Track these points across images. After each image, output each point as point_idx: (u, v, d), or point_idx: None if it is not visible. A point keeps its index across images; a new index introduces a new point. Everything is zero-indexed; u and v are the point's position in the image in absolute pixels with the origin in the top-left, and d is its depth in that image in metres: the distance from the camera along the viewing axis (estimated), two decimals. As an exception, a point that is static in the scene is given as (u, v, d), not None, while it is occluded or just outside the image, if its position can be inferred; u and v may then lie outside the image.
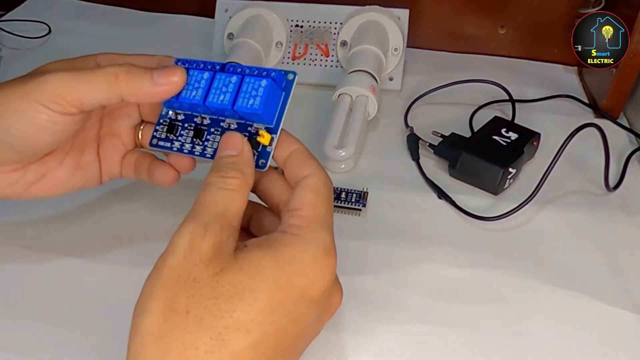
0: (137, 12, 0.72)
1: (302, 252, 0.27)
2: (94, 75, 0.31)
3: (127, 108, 0.37)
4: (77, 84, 0.31)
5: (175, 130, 0.34)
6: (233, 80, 0.31)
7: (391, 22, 0.56)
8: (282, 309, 0.26)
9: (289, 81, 0.32)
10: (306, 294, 0.27)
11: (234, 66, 0.32)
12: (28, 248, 0.40)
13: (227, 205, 0.28)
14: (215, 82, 0.32)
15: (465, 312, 0.36)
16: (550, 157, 0.42)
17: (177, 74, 0.32)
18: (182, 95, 0.32)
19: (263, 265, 0.26)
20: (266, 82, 0.31)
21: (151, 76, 0.31)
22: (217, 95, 0.31)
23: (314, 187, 0.29)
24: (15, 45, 0.65)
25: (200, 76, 0.32)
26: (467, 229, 0.43)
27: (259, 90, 0.31)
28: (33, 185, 0.35)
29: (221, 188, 0.28)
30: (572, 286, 0.38)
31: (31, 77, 0.31)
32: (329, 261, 0.28)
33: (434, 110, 0.56)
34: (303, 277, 0.27)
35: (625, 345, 0.35)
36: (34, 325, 0.35)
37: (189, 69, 0.32)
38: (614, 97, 0.54)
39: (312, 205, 0.29)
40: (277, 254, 0.27)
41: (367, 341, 0.35)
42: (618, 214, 0.44)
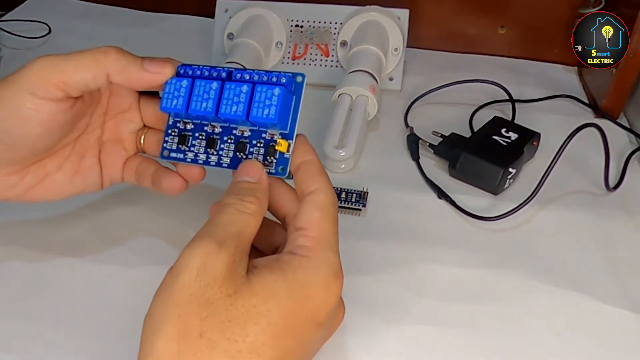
0: (137, 12, 0.72)
1: (313, 276, 0.28)
2: (81, 53, 0.31)
3: (129, 113, 0.37)
4: (62, 63, 0.30)
5: (187, 140, 0.34)
6: (244, 90, 0.31)
7: (391, 22, 0.56)
8: (293, 332, 0.26)
9: (298, 84, 0.32)
10: (315, 317, 0.27)
11: (241, 72, 0.32)
12: (28, 248, 0.40)
13: (243, 227, 0.28)
14: (226, 92, 0.31)
15: (465, 312, 0.36)
16: (550, 157, 0.42)
17: (168, 66, 0.32)
18: (192, 107, 0.32)
19: (275, 290, 0.26)
20: (279, 90, 0.30)
21: (141, 62, 0.31)
22: (230, 106, 0.31)
23: (321, 205, 0.30)
24: (15, 45, 0.65)
25: (208, 86, 0.31)
26: (467, 229, 0.43)
27: (273, 99, 0.30)
28: (32, 189, 0.35)
29: (239, 210, 0.28)
30: (572, 286, 0.38)
31: (14, 70, 0.31)
32: (337, 284, 0.29)
33: (434, 110, 0.56)
34: (313, 301, 0.27)
35: (625, 345, 0.35)
36: (34, 326, 0.35)
37: (196, 78, 0.32)
38: (614, 97, 0.54)
39: (320, 226, 0.29)
40: (289, 278, 0.27)
41: (366, 341, 0.35)
42: (618, 214, 0.44)
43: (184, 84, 0.32)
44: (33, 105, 0.31)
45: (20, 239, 0.40)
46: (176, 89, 0.32)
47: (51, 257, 0.39)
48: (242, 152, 0.32)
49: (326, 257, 0.28)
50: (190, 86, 0.32)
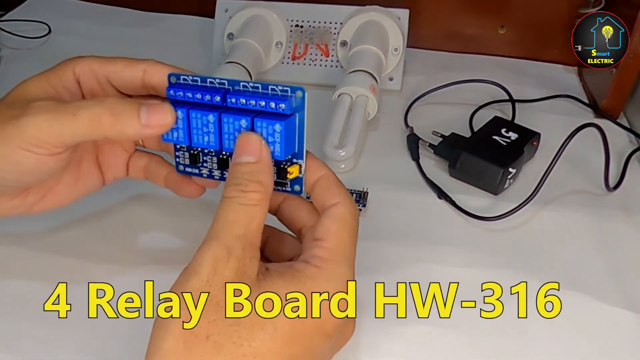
0: (137, 12, 0.72)
1: (324, 287, 0.27)
2: (75, 119, 0.29)
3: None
4: (58, 128, 0.29)
5: (198, 159, 0.33)
6: (243, 125, 0.29)
7: (391, 22, 0.56)
8: (299, 341, 0.26)
9: (299, 99, 0.29)
10: (323, 328, 0.27)
11: (235, 96, 0.29)
12: (29, 248, 0.40)
13: (249, 223, 0.27)
14: (225, 126, 0.30)
15: (465, 312, 0.36)
16: (550, 157, 0.42)
17: (167, 115, 0.30)
18: (195, 141, 0.31)
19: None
20: (280, 127, 0.28)
21: (138, 117, 0.29)
22: (233, 141, 0.30)
23: (341, 218, 0.29)
24: (15, 45, 0.65)
25: (205, 119, 0.30)
26: (467, 229, 0.43)
27: (275, 136, 0.29)
28: (36, 205, 0.35)
29: (242, 205, 0.27)
30: (572, 286, 0.38)
31: (8, 116, 0.30)
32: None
33: (434, 110, 0.56)
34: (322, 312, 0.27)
35: (625, 345, 0.35)
36: (35, 325, 0.35)
37: (190, 107, 0.30)
38: (614, 97, 0.54)
39: (337, 237, 0.29)
40: (300, 287, 0.27)
41: (366, 341, 0.34)
42: (618, 214, 0.44)
43: (179, 115, 0.30)
44: (36, 159, 0.30)
45: (21, 239, 0.40)
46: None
47: (52, 257, 0.39)
48: None
49: (339, 270, 0.28)
50: (186, 117, 0.30)
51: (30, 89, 0.32)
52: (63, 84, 0.33)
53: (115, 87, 0.34)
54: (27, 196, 0.34)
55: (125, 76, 0.33)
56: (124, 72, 0.33)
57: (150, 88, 0.33)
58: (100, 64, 0.33)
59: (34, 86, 0.32)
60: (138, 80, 0.33)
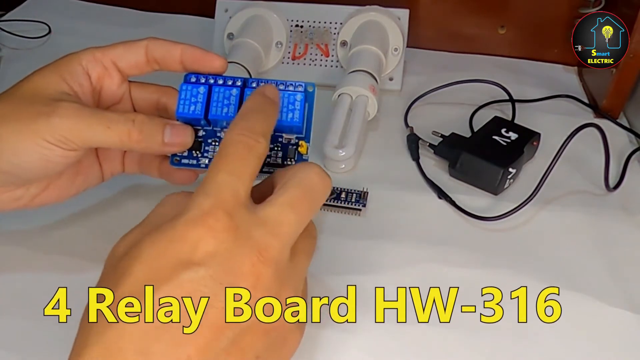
0: (137, 12, 0.72)
1: (176, 220, 0.25)
2: (108, 131, 0.32)
3: (121, 104, 0.37)
4: (90, 135, 0.32)
5: (200, 147, 0.34)
6: None
7: (391, 22, 0.56)
8: (157, 278, 0.24)
9: (310, 93, 0.33)
10: (183, 258, 0.24)
11: (256, 80, 0.33)
12: (30, 248, 0.40)
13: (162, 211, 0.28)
14: (245, 97, 0.32)
15: (465, 312, 0.36)
16: (550, 157, 0.42)
17: (188, 136, 0.33)
18: (212, 113, 0.32)
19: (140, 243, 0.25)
20: (301, 96, 0.32)
21: (162, 136, 0.32)
22: None
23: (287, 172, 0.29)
24: (15, 45, 0.65)
25: (228, 92, 0.32)
26: (467, 229, 0.43)
27: (296, 104, 0.32)
28: (37, 197, 0.35)
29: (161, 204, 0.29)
30: (572, 286, 0.38)
31: (35, 111, 0.31)
32: (209, 220, 0.25)
33: (434, 110, 0.56)
34: (176, 243, 0.25)
35: (625, 345, 0.35)
36: (35, 325, 0.35)
37: (213, 85, 0.33)
38: (614, 97, 0.54)
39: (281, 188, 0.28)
40: (154, 228, 0.26)
41: (367, 341, 0.35)
42: (618, 214, 0.44)
43: (201, 90, 0.32)
44: (61, 153, 0.32)
45: (22, 239, 0.40)
46: (193, 95, 0.32)
47: (52, 257, 0.39)
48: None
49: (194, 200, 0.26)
50: (207, 93, 0.32)
51: (46, 84, 0.33)
52: (76, 80, 0.34)
53: (122, 69, 0.35)
54: (30, 188, 0.35)
55: (130, 57, 0.35)
56: (127, 54, 0.35)
57: (154, 63, 0.35)
58: (102, 52, 0.35)
59: (49, 81, 0.33)
60: (142, 58, 0.35)
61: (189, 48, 0.34)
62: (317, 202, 0.29)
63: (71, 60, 0.34)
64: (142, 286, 0.24)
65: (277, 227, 0.26)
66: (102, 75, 0.35)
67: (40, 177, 0.34)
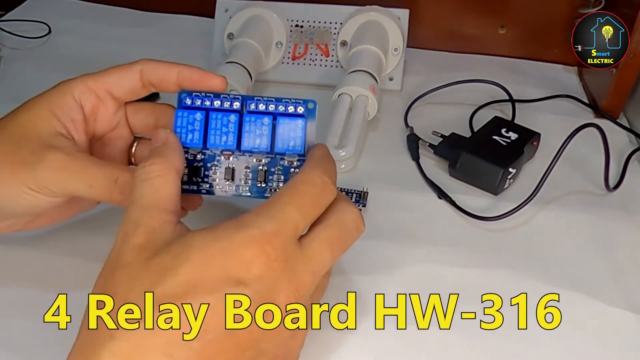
0: (137, 12, 0.72)
1: (234, 233, 0.26)
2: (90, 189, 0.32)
3: (117, 130, 0.36)
4: (73, 188, 0.32)
5: (200, 172, 0.32)
6: (266, 122, 0.31)
7: (391, 22, 0.56)
8: (202, 284, 0.24)
9: (310, 110, 0.32)
10: (233, 274, 0.25)
11: (255, 101, 0.32)
12: (30, 248, 0.40)
13: (154, 194, 0.27)
14: (246, 125, 0.31)
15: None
16: (550, 157, 0.42)
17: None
18: (210, 142, 0.31)
19: (189, 244, 0.25)
20: (302, 122, 0.31)
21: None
22: (253, 139, 0.31)
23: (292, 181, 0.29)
24: (15, 45, 0.65)
25: (226, 119, 0.31)
26: (467, 229, 0.43)
27: (297, 131, 0.32)
28: (31, 223, 0.36)
29: (144, 179, 0.28)
30: (572, 286, 0.38)
31: (21, 159, 0.31)
32: (267, 246, 0.25)
33: (434, 110, 0.56)
34: (230, 256, 0.25)
35: (625, 345, 0.35)
36: (36, 325, 0.35)
37: (210, 110, 0.31)
38: (614, 97, 0.54)
39: (275, 196, 0.28)
40: (207, 234, 0.26)
41: (367, 341, 0.34)
42: (618, 214, 0.44)
43: (197, 117, 0.31)
44: (42, 201, 0.32)
45: (22, 239, 0.40)
46: (189, 122, 0.31)
47: (54, 257, 0.39)
48: (262, 182, 0.32)
49: (257, 219, 0.26)
50: (204, 119, 0.31)
51: (36, 122, 0.33)
52: (68, 115, 0.33)
53: (118, 97, 0.35)
54: (21, 218, 0.35)
55: (124, 84, 0.34)
56: (122, 81, 0.34)
57: (150, 86, 0.34)
58: (95, 80, 0.34)
59: (40, 119, 0.33)
60: (137, 83, 0.34)
61: (185, 69, 0.33)
62: (348, 245, 0.30)
63: (63, 92, 0.34)
64: (186, 288, 0.24)
65: (315, 265, 0.27)
66: (96, 105, 0.34)
67: (29, 215, 0.35)
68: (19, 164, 0.31)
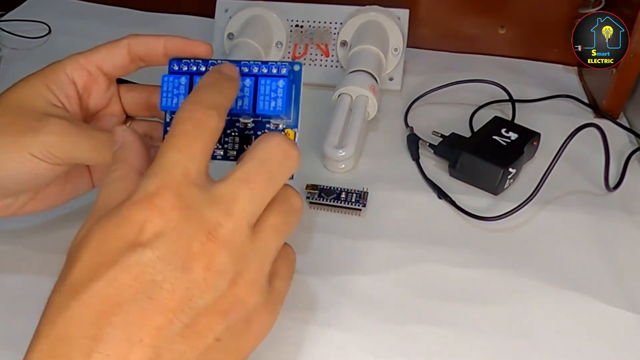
0: (137, 12, 0.72)
1: (123, 205, 0.25)
2: (94, 152, 0.32)
3: (110, 107, 0.37)
4: (76, 153, 0.32)
5: None
6: (247, 84, 0.31)
7: (391, 22, 0.56)
8: (103, 262, 0.24)
9: (296, 73, 0.32)
10: (129, 241, 0.24)
11: (238, 64, 0.32)
12: (31, 248, 0.40)
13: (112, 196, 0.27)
14: None
15: (465, 312, 0.36)
16: (550, 157, 0.42)
17: None
18: None
19: (91, 230, 0.25)
20: (283, 82, 0.31)
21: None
22: (235, 101, 0.31)
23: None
24: (15, 45, 0.65)
25: None
26: (467, 229, 0.43)
27: (278, 91, 0.31)
28: (26, 205, 0.36)
29: (105, 186, 0.28)
30: (572, 286, 0.38)
31: (23, 126, 0.31)
32: (156, 200, 0.24)
33: (434, 110, 0.56)
34: (122, 226, 0.24)
35: (625, 345, 0.35)
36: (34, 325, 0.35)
37: (194, 74, 0.32)
38: (614, 97, 0.54)
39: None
40: (104, 215, 0.25)
41: (367, 341, 0.34)
42: (618, 214, 0.44)
43: (182, 81, 0.32)
44: (45, 167, 0.32)
45: (23, 239, 0.40)
46: (175, 86, 0.32)
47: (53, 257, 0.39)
48: (248, 145, 0.32)
49: (140, 184, 0.25)
50: (188, 83, 0.32)
51: (33, 95, 0.33)
52: (62, 91, 0.34)
53: (107, 72, 0.35)
54: (19, 197, 0.35)
55: (114, 60, 0.35)
56: (111, 56, 0.35)
57: (139, 60, 0.35)
58: (85, 57, 0.35)
59: (36, 92, 0.33)
60: (126, 58, 0.35)
61: (170, 39, 0.33)
62: (276, 175, 0.27)
63: (56, 69, 0.34)
64: (90, 271, 0.23)
65: (229, 204, 0.25)
66: (88, 82, 0.35)
67: (27, 188, 0.34)
68: (20, 131, 0.31)
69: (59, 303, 0.23)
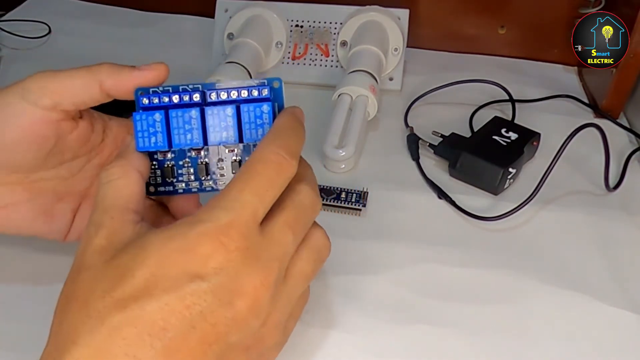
0: (137, 12, 0.72)
1: (189, 230, 0.25)
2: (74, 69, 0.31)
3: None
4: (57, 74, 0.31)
5: (173, 172, 0.31)
6: (229, 113, 0.29)
7: (391, 22, 0.56)
8: (159, 284, 0.24)
9: (277, 89, 0.30)
10: (190, 271, 0.24)
11: (215, 91, 0.30)
12: (32, 248, 0.40)
13: (115, 195, 0.27)
14: (209, 119, 0.29)
15: (465, 312, 0.36)
16: (550, 157, 0.42)
17: (162, 66, 0.31)
18: (175, 142, 0.29)
19: (144, 246, 0.25)
20: (268, 108, 0.29)
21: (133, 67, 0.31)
22: (219, 133, 0.29)
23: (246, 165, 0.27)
24: (15, 45, 0.65)
25: (187, 116, 0.29)
26: (467, 229, 0.43)
27: (264, 117, 0.29)
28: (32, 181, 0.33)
29: (106, 182, 0.28)
30: (572, 286, 0.38)
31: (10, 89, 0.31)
32: (223, 238, 0.25)
33: (434, 110, 0.56)
34: (185, 253, 0.24)
35: (625, 345, 0.35)
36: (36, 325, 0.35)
37: (169, 107, 0.29)
38: (614, 97, 0.54)
39: (229, 187, 0.26)
40: (163, 233, 0.25)
41: (367, 341, 0.35)
42: (618, 214, 0.44)
43: (157, 117, 0.29)
44: (22, 109, 0.30)
45: (23, 239, 0.40)
46: (150, 124, 0.29)
47: (54, 257, 0.39)
48: (206, 175, 0.31)
49: (210, 213, 0.25)
50: (165, 119, 0.29)
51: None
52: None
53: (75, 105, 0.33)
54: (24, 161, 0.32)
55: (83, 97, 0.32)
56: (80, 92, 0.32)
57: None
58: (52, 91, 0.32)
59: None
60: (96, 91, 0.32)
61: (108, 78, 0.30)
62: (309, 225, 0.29)
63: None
64: (143, 290, 0.24)
65: (278, 250, 0.26)
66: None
67: (28, 158, 0.31)
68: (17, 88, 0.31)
69: (102, 311, 0.24)
